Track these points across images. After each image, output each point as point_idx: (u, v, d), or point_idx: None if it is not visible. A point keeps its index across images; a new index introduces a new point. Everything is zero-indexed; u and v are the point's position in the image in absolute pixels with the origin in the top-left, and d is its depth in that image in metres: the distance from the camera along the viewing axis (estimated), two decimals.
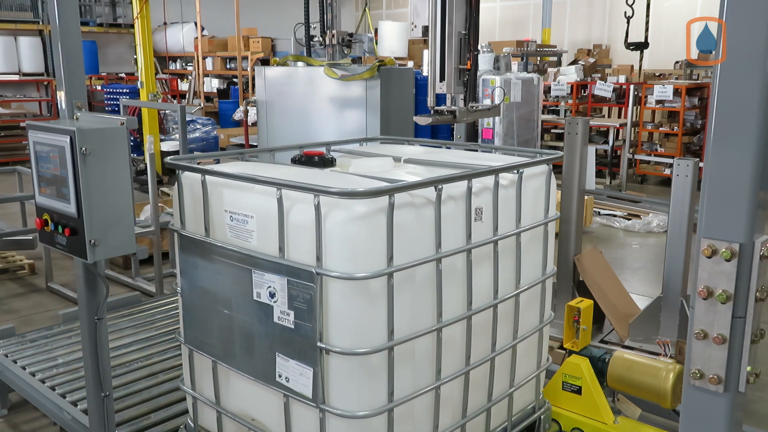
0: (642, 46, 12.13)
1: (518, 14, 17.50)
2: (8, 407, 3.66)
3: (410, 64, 11.67)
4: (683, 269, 3.92)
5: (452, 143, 4.99)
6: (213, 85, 15.85)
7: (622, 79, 11.45)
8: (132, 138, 9.42)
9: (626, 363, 2.83)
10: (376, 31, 12.09)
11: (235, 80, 15.08)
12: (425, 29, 4.20)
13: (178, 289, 2.31)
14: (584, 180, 4.45)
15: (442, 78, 3.40)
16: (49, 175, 2.38)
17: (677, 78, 12.14)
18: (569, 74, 11.97)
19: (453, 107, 3.45)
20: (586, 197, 6.09)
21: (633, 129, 10.53)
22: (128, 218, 2.39)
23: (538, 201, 2.42)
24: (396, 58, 9.43)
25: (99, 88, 13.07)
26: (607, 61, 14.31)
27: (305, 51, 6.75)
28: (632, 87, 10.23)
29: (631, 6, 11.78)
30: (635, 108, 10.45)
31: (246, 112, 8.17)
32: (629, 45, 12.12)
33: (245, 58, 14.54)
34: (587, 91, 11.89)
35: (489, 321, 2.25)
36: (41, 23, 14.72)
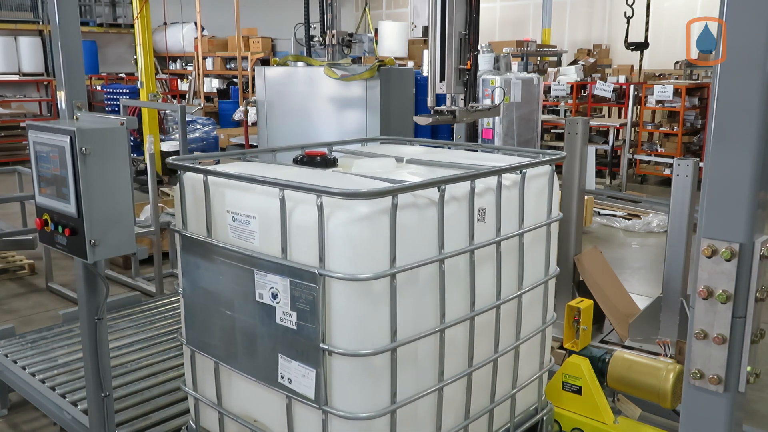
0: (642, 46, 12.13)
1: (518, 14, 17.50)
2: (8, 407, 3.66)
3: (410, 64, 11.67)
4: (683, 269, 3.92)
5: (455, 143, 5.00)
6: (213, 85, 15.85)
7: (622, 79, 11.45)
8: (132, 138, 9.42)
9: (626, 363, 2.83)
10: (376, 31, 12.09)
11: (235, 80, 15.08)
12: (425, 29, 4.20)
13: (180, 290, 2.30)
14: (584, 180, 4.45)
15: (442, 78, 3.40)
16: (49, 175, 2.38)
17: (677, 78, 12.15)
18: (569, 74, 11.97)
19: (453, 107, 3.45)
20: (586, 197, 6.10)
21: (633, 129, 10.53)
22: (128, 218, 2.39)
23: (541, 201, 2.41)
24: (396, 58, 9.43)
25: (99, 88, 13.07)
26: (607, 61, 14.31)
27: (305, 51, 6.75)
28: (632, 87, 10.23)
29: (631, 6, 11.78)
30: (635, 108, 10.45)
31: (246, 112, 8.17)
32: (629, 45, 12.12)
33: (245, 58, 14.55)
34: (587, 91, 11.89)
35: (492, 322, 2.24)
36: (41, 23, 14.72)
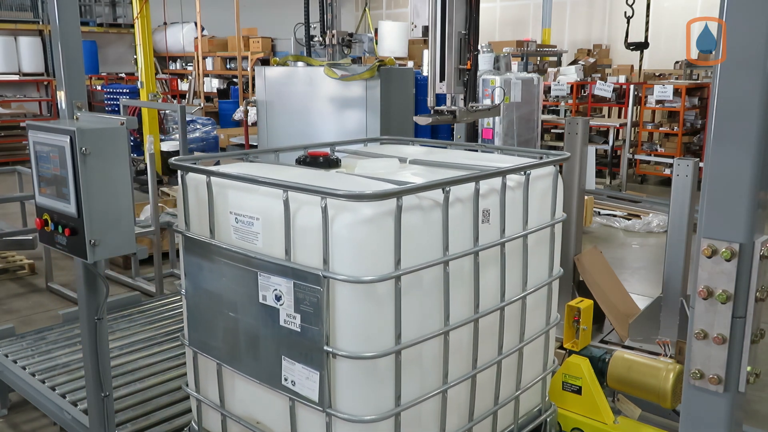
0: (642, 46, 12.13)
1: (518, 14, 17.50)
2: (8, 407, 3.66)
3: (410, 64, 11.67)
4: (683, 269, 3.92)
5: (457, 144, 5.00)
6: (213, 85, 15.86)
7: (622, 79, 11.45)
8: (132, 138, 9.42)
9: (626, 363, 2.83)
10: (376, 31, 12.09)
11: (235, 80, 15.09)
12: (425, 29, 4.20)
13: (183, 291, 2.29)
14: (584, 180, 4.45)
15: (442, 78, 3.40)
16: (49, 175, 2.38)
17: (677, 78, 12.15)
18: (569, 74, 11.97)
19: (453, 107, 3.45)
20: (586, 197, 6.09)
21: (633, 129, 10.53)
22: (128, 218, 2.39)
23: (545, 202, 2.40)
24: (396, 58, 9.43)
25: (99, 88, 13.07)
26: (607, 61, 14.31)
27: (305, 51, 6.75)
28: (632, 87, 10.23)
29: (631, 6, 11.78)
30: (635, 108, 10.45)
31: (246, 112, 8.18)
32: (629, 45, 12.12)
33: (245, 58, 14.55)
34: (587, 91, 11.89)
35: (496, 324, 2.23)
36: (41, 23, 14.72)
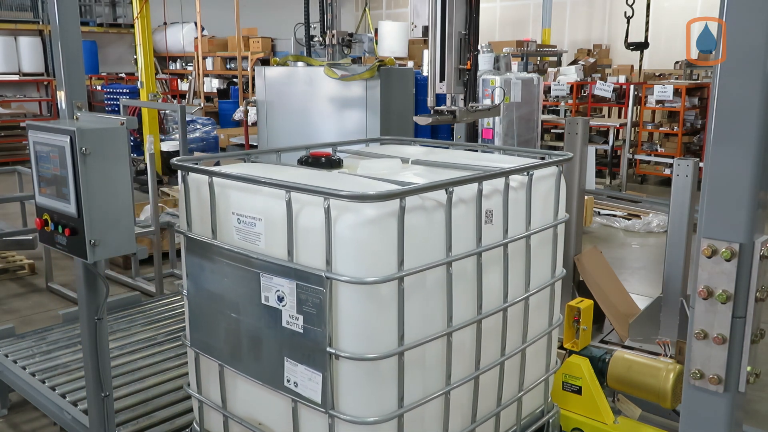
0: (642, 46, 12.13)
1: (518, 14, 17.50)
2: (8, 407, 3.66)
3: (410, 64, 11.68)
4: (683, 269, 3.92)
5: (461, 144, 5.00)
6: (213, 85, 15.85)
7: (622, 79, 11.44)
8: (132, 138, 9.42)
9: (626, 363, 2.83)
10: (376, 31, 12.09)
11: (235, 80, 15.08)
12: (425, 29, 4.20)
13: (185, 292, 2.28)
14: (584, 180, 4.45)
15: (442, 78, 3.40)
16: (49, 175, 2.38)
17: (677, 78, 12.15)
18: (569, 74, 11.97)
19: (453, 107, 3.45)
20: (586, 197, 6.09)
21: (633, 129, 10.53)
22: (128, 218, 2.39)
23: (548, 203, 2.39)
24: (396, 58, 9.43)
25: (99, 88, 13.07)
26: (607, 61, 14.31)
27: (305, 51, 6.75)
28: (632, 87, 10.23)
29: (631, 6, 11.78)
30: (635, 108, 10.45)
31: (246, 112, 8.18)
32: (629, 45, 12.12)
33: (245, 58, 14.55)
34: (587, 91, 11.89)
35: (498, 325, 2.22)
36: (41, 23, 14.72)
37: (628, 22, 11.99)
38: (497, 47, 10.25)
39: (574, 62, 13.57)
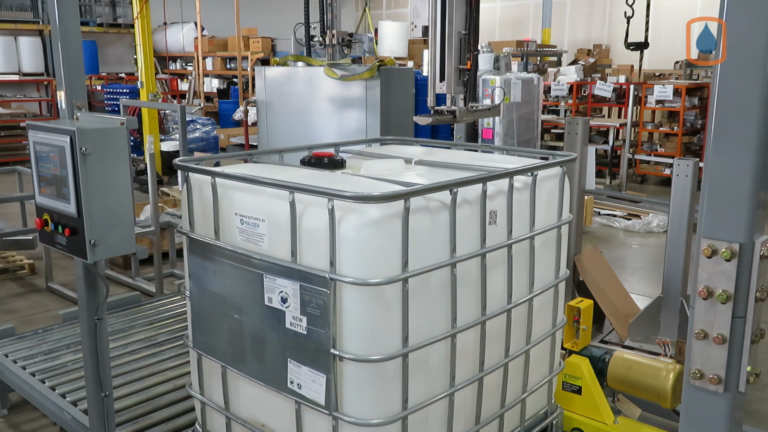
0: (642, 46, 12.13)
1: (518, 14, 17.50)
2: (8, 407, 3.66)
3: (410, 64, 11.68)
4: (683, 269, 3.92)
5: (463, 144, 4.99)
6: (213, 85, 15.85)
7: (622, 79, 11.45)
8: (132, 138, 9.43)
9: (626, 363, 2.83)
10: (376, 31, 12.10)
11: (235, 80, 15.08)
12: (425, 29, 4.20)
13: (187, 293, 2.26)
14: (584, 180, 4.45)
15: (442, 78, 3.40)
16: (49, 175, 2.38)
17: (677, 78, 12.15)
18: (569, 74, 11.97)
19: (453, 107, 3.45)
20: (586, 197, 6.09)
21: (633, 129, 10.53)
22: (128, 218, 2.39)
23: (552, 203, 2.38)
24: (396, 58, 9.43)
25: (99, 88, 13.08)
26: (607, 61, 14.31)
27: (305, 51, 6.75)
28: (632, 87, 10.23)
29: (631, 6, 11.78)
30: (635, 108, 10.45)
31: (246, 112, 8.19)
32: (629, 45, 12.12)
33: (245, 58, 14.55)
34: (587, 91, 11.89)
35: (502, 326, 2.21)
36: (41, 23, 14.72)
37: (628, 22, 11.99)
38: (497, 47, 10.26)
39: (574, 62, 13.57)
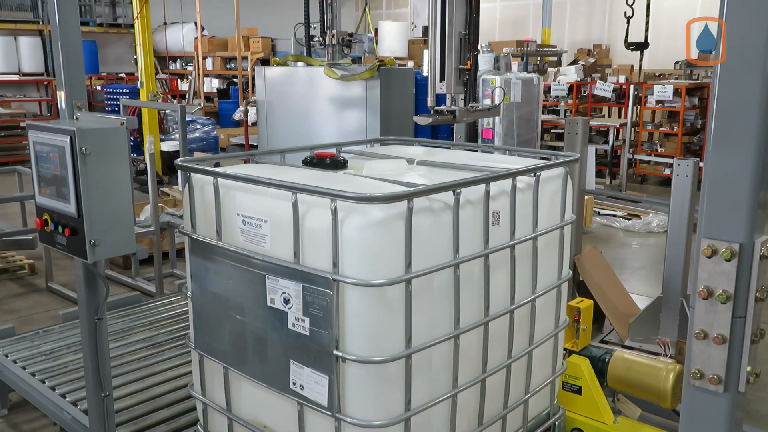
0: (642, 46, 12.13)
1: (518, 14, 17.50)
2: (8, 407, 3.66)
3: (410, 64, 11.67)
4: (683, 269, 3.92)
5: (466, 144, 4.98)
6: (213, 85, 15.85)
7: (622, 79, 11.45)
8: (132, 138, 9.43)
9: (626, 363, 2.83)
10: (376, 31, 12.11)
11: (235, 80, 15.08)
12: (425, 29, 4.20)
13: (189, 294, 2.26)
14: (584, 180, 4.45)
15: (442, 78, 3.40)
16: (49, 175, 2.38)
17: (677, 78, 12.15)
18: (569, 74, 11.97)
19: (453, 107, 3.45)
20: (586, 197, 6.09)
21: (633, 129, 10.53)
22: (128, 218, 2.39)
23: (554, 204, 2.37)
24: (396, 58, 9.44)
25: (99, 88, 13.08)
26: (607, 61, 14.31)
27: (305, 51, 6.76)
28: (632, 87, 10.23)
29: (631, 6, 11.78)
30: (635, 108, 10.45)
31: (246, 112, 8.18)
32: (629, 45, 12.12)
33: (245, 58, 14.54)
34: (587, 91, 11.89)
35: (505, 327, 2.20)
36: (41, 23, 14.72)
37: (628, 22, 11.99)
38: (497, 47, 10.26)
39: (574, 62, 13.57)
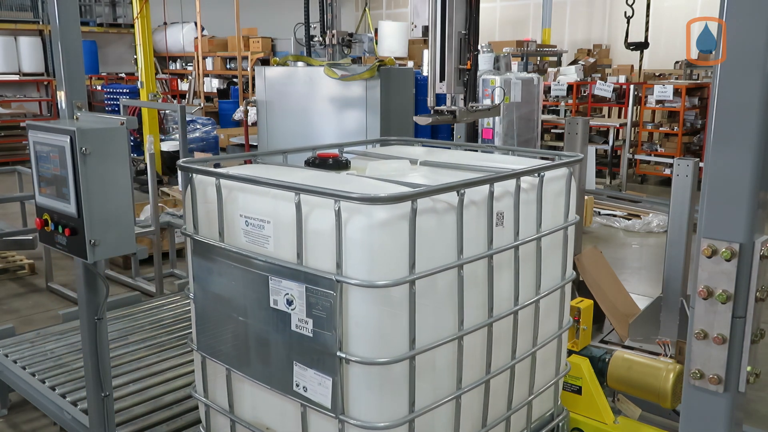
0: (642, 46, 12.14)
1: (518, 14, 17.50)
2: (8, 407, 3.66)
3: (410, 64, 11.68)
4: (683, 269, 3.92)
5: (468, 144, 4.99)
6: (213, 85, 15.85)
7: (622, 79, 11.45)
8: (132, 138, 9.43)
9: (626, 363, 2.83)
10: (376, 31, 12.11)
11: (235, 80, 15.08)
12: (425, 29, 4.20)
13: (191, 295, 2.25)
14: (584, 180, 4.45)
15: (442, 78, 3.40)
16: (49, 175, 2.38)
17: (677, 78, 12.15)
18: (569, 74, 11.97)
19: (453, 107, 3.45)
20: (586, 197, 6.09)
21: (633, 129, 10.53)
22: (128, 218, 2.39)
23: (558, 204, 2.36)
24: (396, 58, 9.44)
25: (99, 88, 13.08)
26: (607, 61, 14.32)
27: (305, 51, 6.75)
28: (632, 87, 10.23)
29: (631, 6, 11.79)
30: (635, 108, 10.45)
31: (246, 112, 8.17)
32: (629, 45, 12.13)
33: (245, 58, 14.54)
34: (587, 91, 11.89)
35: (509, 328, 2.19)
36: (41, 23, 14.72)
37: (628, 22, 11.99)
38: (497, 47, 10.26)
39: (574, 62, 13.57)
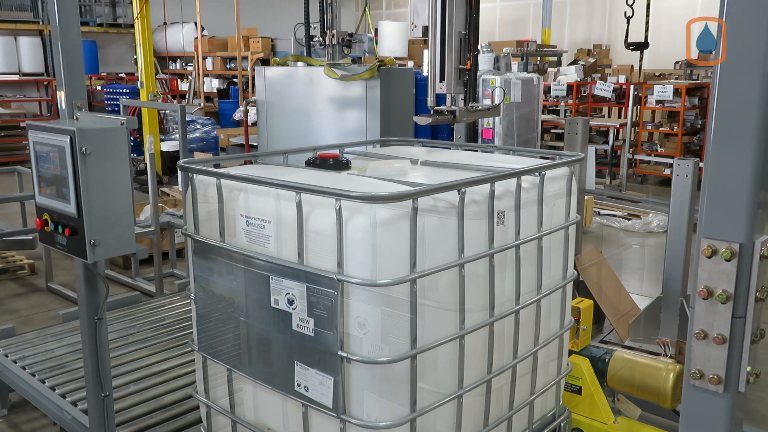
0: (642, 46, 12.14)
1: (518, 14, 17.50)
2: (8, 407, 3.66)
3: (410, 64, 11.68)
4: (683, 269, 3.92)
5: (468, 144, 4.99)
6: (213, 85, 15.86)
7: (622, 79, 11.45)
8: (132, 138, 9.43)
9: (626, 363, 2.83)
10: (376, 31, 12.12)
11: (235, 80, 15.09)
12: (425, 29, 4.21)
13: (192, 295, 2.25)
14: (584, 180, 4.45)
15: (442, 78, 3.39)
16: (49, 175, 2.38)
17: (677, 78, 12.15)
18: (569, 74, 11.97)
19: (453, 107, 3.44)
20: (586, 197, 6.09)
21: (633, 129, 10.54)
22: (128, 218, 2.39)
23: (558, 204, 2.36)
24: (396, 58, 9.44)
25: (99, 88, 13.08)
26: (607, 61, 14.32)
27: (305, 51, 6.75)
28: (632, 87, 10.23)
29: (631, 6, 11.78)
30: (635, 108, 10.45)
31: (246, 112, 8.17)
32: (629, 45, 12.12)
33: (245, 58, 14.55)
34: (587, 91, 11.89)
35: (511, 327, 2.19)
36: (41, 23, 14.72)
37: (628, 22, 11.99)
38: (497, 47, 10.26)
39: (574, 62, 13.57)
